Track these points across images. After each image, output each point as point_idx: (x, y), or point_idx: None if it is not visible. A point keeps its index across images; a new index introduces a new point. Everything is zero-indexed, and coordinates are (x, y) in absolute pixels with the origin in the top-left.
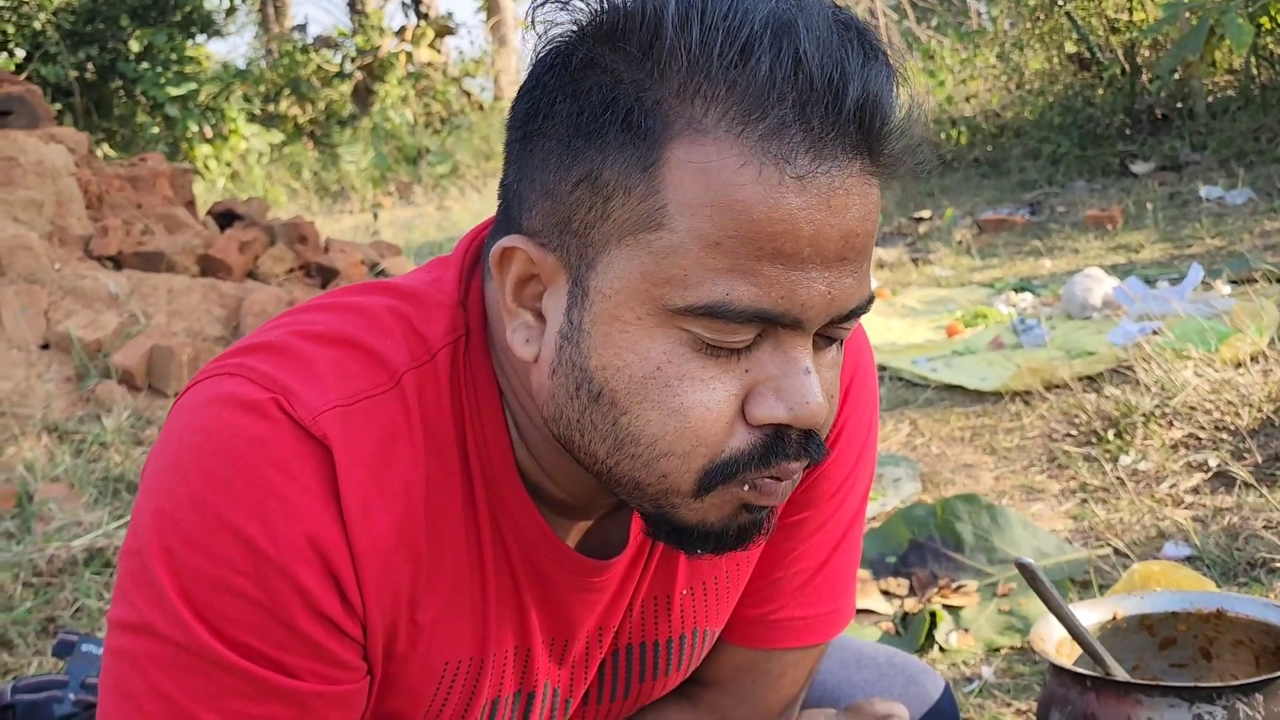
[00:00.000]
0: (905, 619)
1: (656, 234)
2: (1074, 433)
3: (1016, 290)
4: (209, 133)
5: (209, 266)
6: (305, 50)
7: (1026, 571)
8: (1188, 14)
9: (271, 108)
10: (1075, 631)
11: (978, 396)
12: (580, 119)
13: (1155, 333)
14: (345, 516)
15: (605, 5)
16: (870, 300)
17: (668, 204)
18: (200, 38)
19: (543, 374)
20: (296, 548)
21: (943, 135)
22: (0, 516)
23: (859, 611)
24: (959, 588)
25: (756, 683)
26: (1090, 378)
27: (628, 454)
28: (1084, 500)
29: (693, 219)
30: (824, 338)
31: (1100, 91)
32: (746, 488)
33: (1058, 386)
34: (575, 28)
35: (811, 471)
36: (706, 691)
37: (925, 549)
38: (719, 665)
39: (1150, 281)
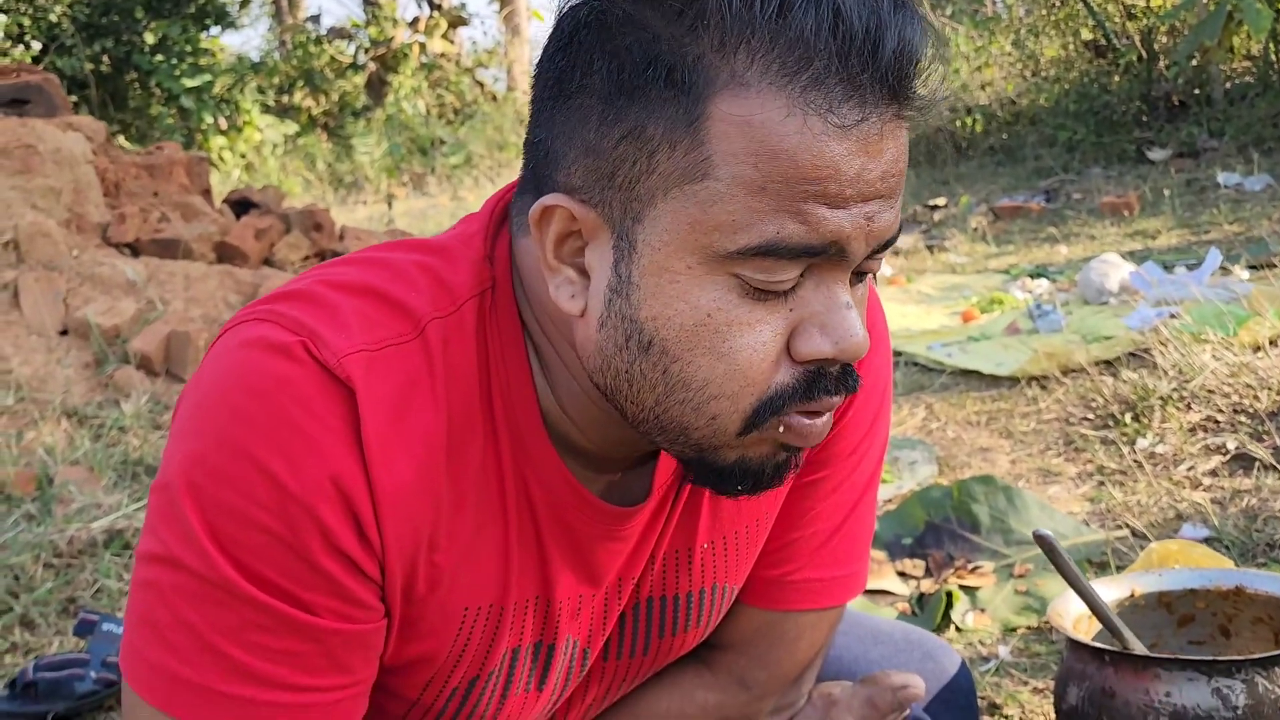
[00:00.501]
0: (921, 600)
1: (702, 184)
2: (1091, 416)
3: (1032, 276)
4: (224, 124)
5: (225, 254)
6: (319, 42)
7: (1045, 543)
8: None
9: (285, 99)
10: (1094, 605)
11: (994, 381)
12: (622, 76)
13: (1173, 317)
14: (367, 457)
15: None
16: (899, 233)
17: (713, 155)
18: (214, 30)
19: (590, 327)
20: (319, 484)
21: (958, 123)
22: (21, 499)
23: (875, 592)
24: (975, 569)
25: (773, 645)
26: (1107, 362)
27: (678, 399)
28: (1101, 483)
29: (738, 167)
30: (856, 274)
31: (1116, 78)
32: (783, 429)
33: (1074, 371)
34: None
35: (834, 423)
36: (724, 654)
37: (941, 530)
38: (736, 628)
39: (1168, 267)
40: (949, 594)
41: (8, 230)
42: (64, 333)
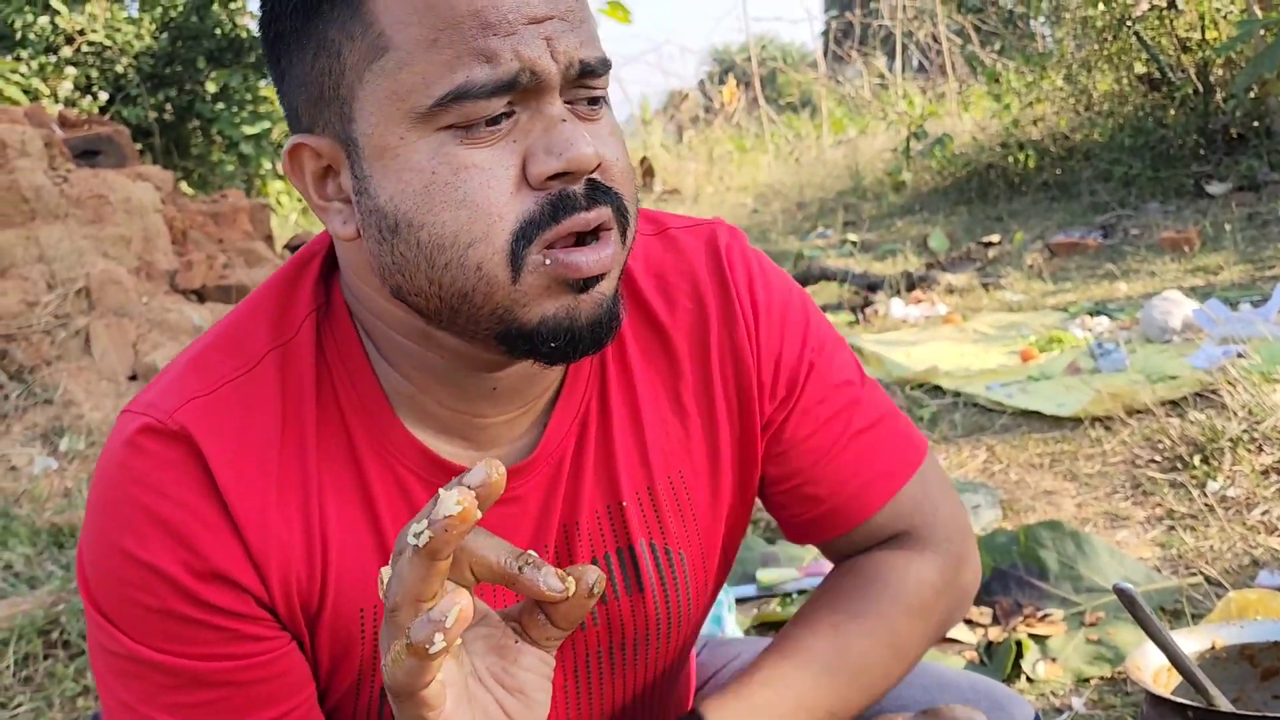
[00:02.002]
0: (989, 648)
1: (385, 58)
2: (1158, 459)
3: (1091, 314)
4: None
5: None
6: None
7: (1125, 596)
8: (1263, 31)
9: None
10: (1176, 659)
11: (1056, 422)
12: (300, 7)
13: (1240, 355)
14: (221, 490)
15: None
16: (606, 62)
17: (384, 29)
18: None
19: (363, 246)
20: (165, 549)
21: (1010, 159)
22: None
23: (942, 640)
24: (1045, 616)
25: (911, 520)
26: (1173, 402)
27: (441, 265)
28: (1171, 527)
29: (408, 30)
30: (586, 101)
31: (1172, 112)
32: (548, 260)
33: (1139, 412)
34: None
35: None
36: (903, 545)
37: (1009, 577)
38: (875, 531)
39: (1232, 304)
40: (1018, 643)
41: (80, 278)
42: (133, 378)
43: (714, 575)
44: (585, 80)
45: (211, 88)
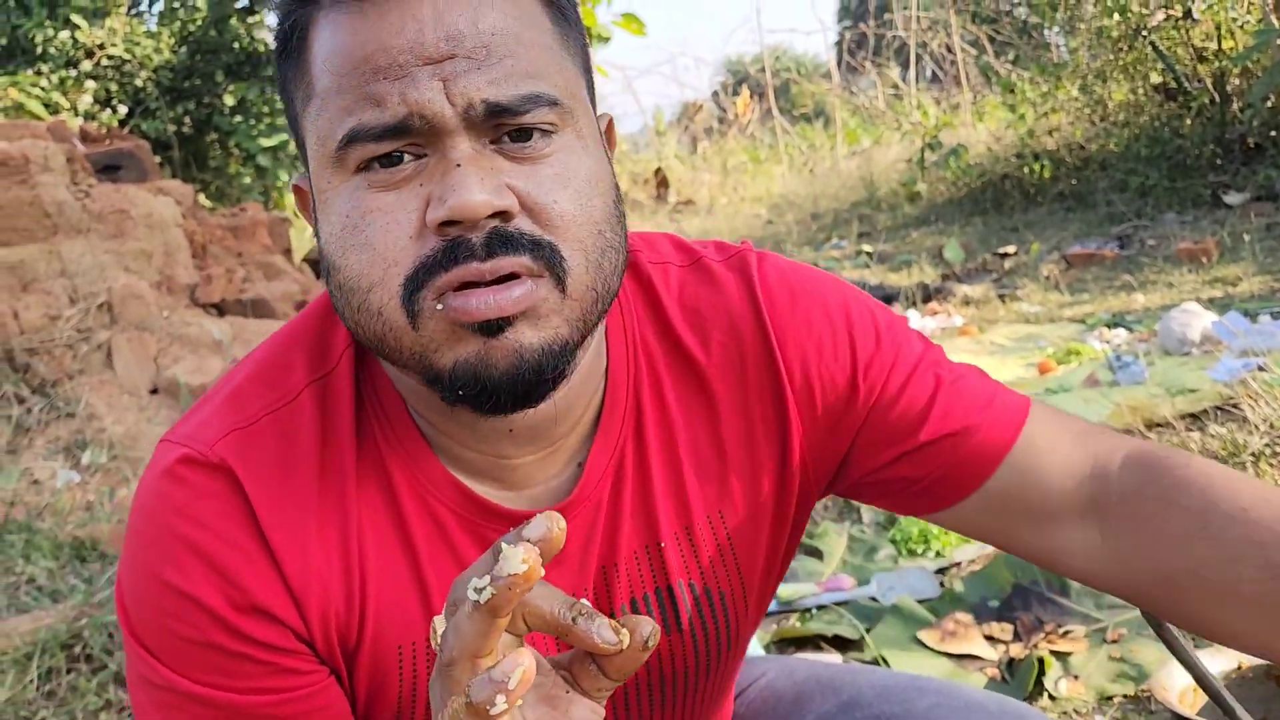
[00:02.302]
0: (1011, 665)
1: (311, 104)
2: None
3: (1109, 326)
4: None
5: None
6: None
7: (1149, 615)
8: (1279, 41)
9: None
10: (1202, 679)
11: None
12: (278, 54)
13: (1260, 369)
14: (261, 524)
15: None
16: (537, 97)
17: (313, 77)
18: None
19: None
20: (207, 581)
21: (1025, 169)
22: (114, 557)
23: (963, 657)
24: (1066, 633)
25: (1036, 479)
26: (1193, 415)
27: (354, 307)
28: None
29: (323, 79)
30: (514, 139)
31: (1189, 122)
32: (440, 305)
33: (1159, 425)
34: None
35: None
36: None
37: (1029, 593)
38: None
39: (1252, 315)
40: (1040, 660)
41: (102, 292)
42: (154, 391)
43: (755, 612)
44: (502, 119)
45: (229, 101)
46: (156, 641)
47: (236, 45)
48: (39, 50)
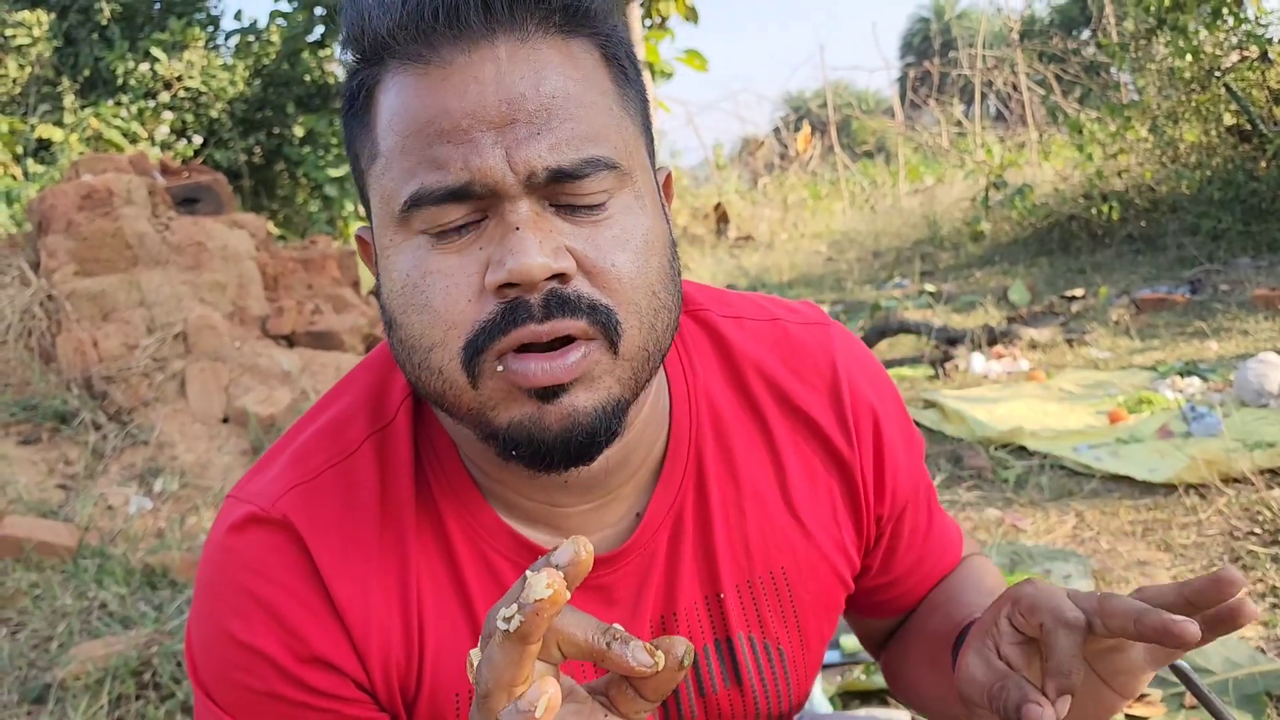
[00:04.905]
0: None
1: (376, 164)
2: (1258, 531)
3: (1182, 374)
4: (364, 211)
5: (373, 344)
6: None
7: (1181, 675)
8: None
9: None
10: None
11: (1147, 488)
12: (345, 110)
13: None
14: (324, 577)
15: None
16: (597, 162)
17: (378, 136)
18: None
19: None
20: (270, 632)
21: (1093, 210)
22: (185, 584)
23: None
24: (1143, 697)
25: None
26: (1272, 471)
27: (415, 364)
28: (1275, 605)
29: (387, 139)
30: (568, 207)
31: (1263, 164)
32: (501, 368)
33: (1236, 480)
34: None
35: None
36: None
37: None
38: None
39: None
40: None
41: (178, 323)
42: (225, 420)
43: (815, 667)
44: (563, 186)
45: (299, 132)
46: (222, 692)
47: (307, 78)
48: (120, 82)
